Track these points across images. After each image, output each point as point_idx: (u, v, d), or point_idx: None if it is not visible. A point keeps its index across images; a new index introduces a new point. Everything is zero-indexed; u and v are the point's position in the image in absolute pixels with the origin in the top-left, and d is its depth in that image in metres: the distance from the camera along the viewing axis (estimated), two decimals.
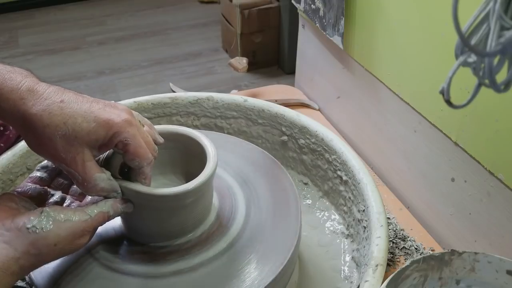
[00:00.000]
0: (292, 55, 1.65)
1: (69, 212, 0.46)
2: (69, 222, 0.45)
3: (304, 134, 0.75)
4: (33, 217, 0.44)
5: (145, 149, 0.49)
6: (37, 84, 0.45)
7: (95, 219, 0.47)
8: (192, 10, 3.31)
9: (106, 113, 0.46)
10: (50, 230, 0.44)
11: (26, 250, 0.43)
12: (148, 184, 0.51)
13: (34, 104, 0.44)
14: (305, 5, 0.98)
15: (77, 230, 0.46)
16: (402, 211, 0.76)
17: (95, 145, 0.46)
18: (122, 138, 0.47)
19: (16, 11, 3.29)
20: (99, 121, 0.45)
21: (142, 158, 0.48)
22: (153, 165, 0.51)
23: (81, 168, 0.46)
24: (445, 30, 0.64)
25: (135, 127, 0.48)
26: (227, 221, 0.58)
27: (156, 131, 0.54)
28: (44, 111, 0.44)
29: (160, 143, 0.54)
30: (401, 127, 0.79)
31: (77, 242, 0.46)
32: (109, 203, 0.49)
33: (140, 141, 0.48)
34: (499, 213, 0.62)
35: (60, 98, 0.45)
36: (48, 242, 0.44)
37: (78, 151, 0.45)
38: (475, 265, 0.51)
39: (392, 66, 0.78)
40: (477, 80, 0.38)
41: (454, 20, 0.33)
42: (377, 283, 0.50)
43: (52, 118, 0.44)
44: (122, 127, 0.46)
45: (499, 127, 0.60)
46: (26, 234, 0.43)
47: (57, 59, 2.77)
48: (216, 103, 0.81)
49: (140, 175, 0.50)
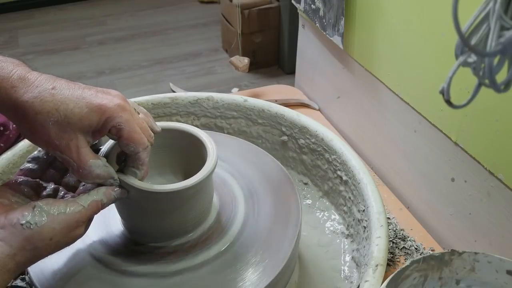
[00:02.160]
0: (292, 55, 1.65)
1: (61, 204, 0.45)
2: (62, 214, 0.45)
3: (304, 134, 0.75)
4: (27, 213, 0.43)
5: (140, 134, 0.48)
6: (29, 72, 0.45)
7: (89, 208, 0.47)
8: (192, 10, 3.31)
9: (99, 99, 0.46)
10: (44, 225, 0.43)
11: (21, 246, 0.43)
12: (146, 170, 0.51)
13: (25, 91, 0.44)
14: (305, 5, 0.98)
15: (71, 222, 0.45)
16: (402, 211, 0.76)
17: (89, 130, 0.46)
18: (115, 123, 0.46)
19: (16, 11, 3.29)
20: (92, 106, 0.45)
21: (137, 143, 0.48)
22: (149, 151, 0.50)
23: (76, 155, 0.45)
24: (445, 30, 0.64)
25: (129, 112, 0.47)
26: (227, 221, 0.58)
27: (152, 119, 0.54)
28: (36, 98, 0.43)
29: (157, 131, 0.53)
30: (401, 127, 0.79)
31: (72, 234, 0.46)
32: (102, 191, 0.48)
33: (134, 126, 0.48)
34: (499, 213, 0.62)
35: (52, 85, 0.45)
36: (43, 237, 0.44)
37: (72, 137, 0.45)
38: (475, 265, 0.51)
39: (392, 66, 0.78)
40: (477, 80, 0.38)
41: (454, 20, 0.33)
42: (377, 283, 0.50)
43: (43, 105, 0.44)
44: (115, 111, 0.46)
45: (499, 127, 0.60)
46: (20, 230, 0.43)
47: (57, 59, 2.77)
48: (216, 103, 0.81)
49: (136, 161, 0.49)
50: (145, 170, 0.51)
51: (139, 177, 0.50)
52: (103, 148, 0.52)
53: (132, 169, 0.50)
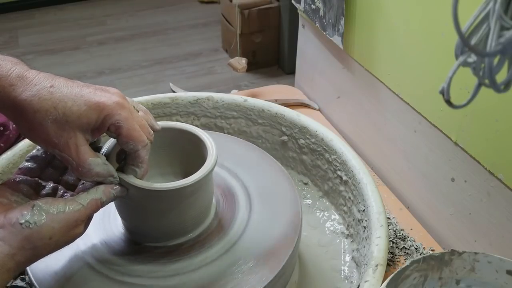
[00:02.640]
0: (292, 55, 1.65)
1: (60, 203, 0.45)
2: (62, 213, 0.44)
3: (304, 134, 0.75)
4: (26, 212, 0.43)
5: (139, 132, 0.48)
6: (27, 71, 0.45)
7: (88, 207, 0.46)
8: (192, 10, 3.31)
9: (97, 96, 0.46)
10: (43, 224, 0.43)
11: (21, 245, 0.43)
12: (145, 168, 0.50)
13: (24, 90, 0.44)
14: (305, 5, 0.98)
15: (70, 221, 0.45)
16: (402, 211, 0.76)
17: (88, 128, 0.46)
18: (114, 121, 0.46)
19: (16, 11, 3.29)
20: (90, 104, 0.45)
21: (136, 141, 0.48)
22: (149, 148, 0.50)
23: (75, 153, 0.45)
24: (445, 30, 0.64)
25: (127, 110, 0.47)
26: (227, 221, 0.58)
27: (152, 117, 0.54)
28: (34, 96, 0.43)
29: (157, 129, 0.53)
30: (401, 127, 0.79)
31: (72, 233, 0.46)
32: (101, 189, 0.48)
33: (133, 124, 0.47)
34: (499, 213, 0.62)
35: (50, 83, 0.45)
36: (43, 236, 0.44)
37: (70, 136, 0.45)
38: (475, 265, 0.51)
39: (392, 66, 0.78)
40: (477, 80, 0.38)
41: (454, 20, 0.33)
42: (377, 283, 0.50)
43: (42, 103, 0.43)
44: (114, 109, 0.46)
45: (499, 127, 0.60)
46: (20, 230, 0.43)
47: (57, 59, 2.77)
48: (216, 103, 0.81)
49: (136, 159, 0.49)
50: (145, 168, 0.50)
51: (139, 175, 0.50)
52: (104, 147, 0.52)
53: (131, 167, 0.50)
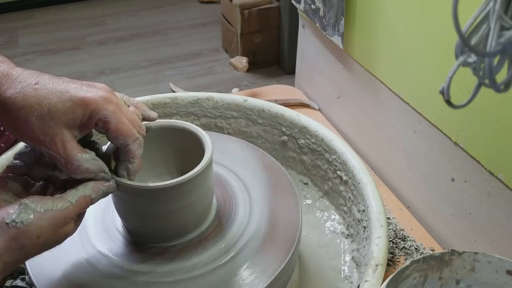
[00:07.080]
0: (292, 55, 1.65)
1: (48, 201, 0.44)
2: (49, 212, 0.43)
3: (304, 134, 0.75)
4: (12, 211, 0.42)
5: (128, 126, 0.47)
6: (12, 68, 0.45)
7: (77, 204, 0.45)
8: (192, 10, 3.31)
9: (83, 92, 0.45)
10: (30, 223, 0.42)
11: (8, 246, 0.41)
12: (138, 164, 0.50)
13: (8, 87, 0.43)
14: (305, 5, 0.98)
15: (59, 219, 0.44)
16: (402, 211, 0.76)
17: (74, 125, 0.45)
18: (101, 116, 0.45)
19: (16, 11, 3.29)
20: (75, 99, 0.44)
21: (125, 135, 0.47)
22: (141, 143, 0.49)
23: (62, 150, 0.44)
24: (445, 30, 0.64)
25: (115, 104, 0.46)
26: (227, 221, 0.58)
27: (147, 108, 0.53)
28: (18, 93, 0.43)
29: (154, 118, 0.53)
30: (401, 127, 0.79)
31: (61, 231, 0.45)
32: (90, 186, 0.47)
33: (121, 118, 0.47)
34: (499, 213, 0.62)
35: (35, 80, 0.44)
36: (30, 235, 0.42)
37: (57, 132, 0.44)
38: (475, 265, 0.51)
39: (392, 66, 0.78)
40: (477, 80, 0.38)
41: (454, 20, 0.33)
42: (377, 283, 0.50)
43: (26, 100, 0.43)
44: (100, 104, 0.45)
45: (499, 127, 0.60)
46: (6, 230, 0.41)
47: (57, 59, 2.77)
48: (216, 103, 0.81)
49: (127, 154, 0.48)
50: (137, 163, 0.50)
51: (132, 171, 0.49)
52: (104, 146, 0.52)
53: (124, 163, 0.49)
